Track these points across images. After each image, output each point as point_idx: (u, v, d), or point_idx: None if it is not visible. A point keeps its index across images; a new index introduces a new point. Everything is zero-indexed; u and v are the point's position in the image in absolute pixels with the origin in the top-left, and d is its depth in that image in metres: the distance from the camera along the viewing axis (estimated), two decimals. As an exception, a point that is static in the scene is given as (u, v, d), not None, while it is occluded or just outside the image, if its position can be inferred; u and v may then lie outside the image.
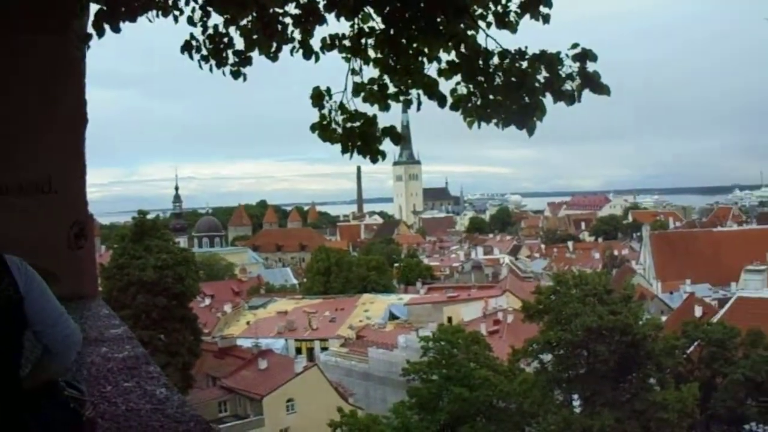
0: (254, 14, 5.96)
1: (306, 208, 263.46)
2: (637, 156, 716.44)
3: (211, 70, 6.26)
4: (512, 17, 5.54)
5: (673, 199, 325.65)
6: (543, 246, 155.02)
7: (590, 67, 5.43)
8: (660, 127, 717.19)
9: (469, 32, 5.57)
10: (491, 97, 5.58)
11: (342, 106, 6.01)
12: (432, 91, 5.74)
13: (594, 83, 5.42)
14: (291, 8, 5.93)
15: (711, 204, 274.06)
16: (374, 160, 6.13)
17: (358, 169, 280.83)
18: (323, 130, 6.06)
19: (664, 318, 56.70)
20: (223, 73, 6.24)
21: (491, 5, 5.54)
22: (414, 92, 5.87)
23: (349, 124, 6.01)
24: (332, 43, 5.89)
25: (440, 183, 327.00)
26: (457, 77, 5.62)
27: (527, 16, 5.54)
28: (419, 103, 5.84)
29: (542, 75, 5.48)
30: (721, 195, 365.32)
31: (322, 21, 5.82)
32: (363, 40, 5.79)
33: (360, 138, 6.00)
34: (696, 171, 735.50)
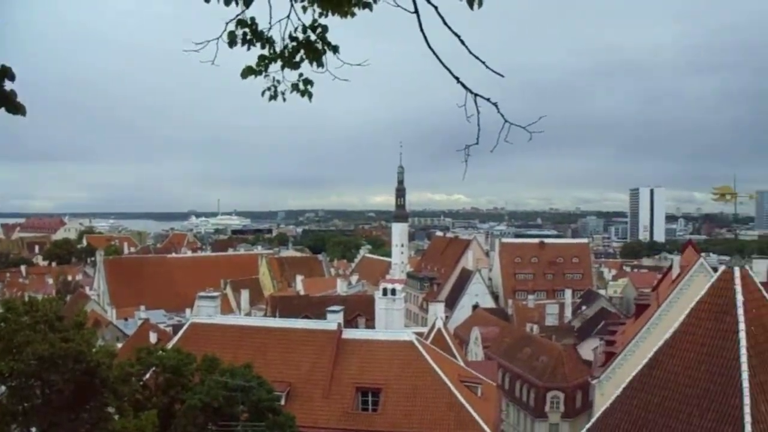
0: None
1: None
2: (95, 178, 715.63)
3: None
4: None
5: (130, 224, 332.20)
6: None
7: (8, 86, 5.71)
8: (120, 148, 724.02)
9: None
10: None
11: None
12: None
13: (8, 102, 5.72)
14: None
15: (167, 230, 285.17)
16: None
17: None
18: None
19: (119, 345, 58.40)
20: None
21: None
22: None
23: None
24: None
25: None
26: None
27: None
28: None
29: None
30: (177, 221, 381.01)
31: None
32: None
33: None
34: (154, 196, 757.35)
